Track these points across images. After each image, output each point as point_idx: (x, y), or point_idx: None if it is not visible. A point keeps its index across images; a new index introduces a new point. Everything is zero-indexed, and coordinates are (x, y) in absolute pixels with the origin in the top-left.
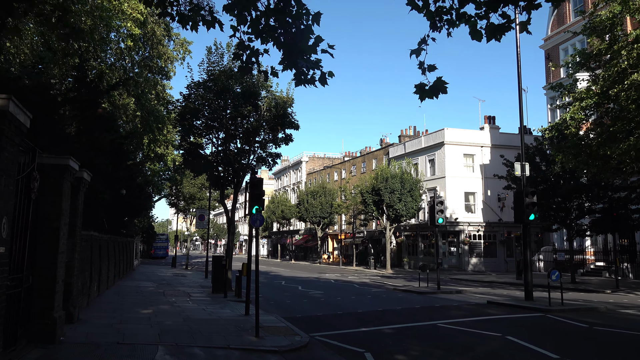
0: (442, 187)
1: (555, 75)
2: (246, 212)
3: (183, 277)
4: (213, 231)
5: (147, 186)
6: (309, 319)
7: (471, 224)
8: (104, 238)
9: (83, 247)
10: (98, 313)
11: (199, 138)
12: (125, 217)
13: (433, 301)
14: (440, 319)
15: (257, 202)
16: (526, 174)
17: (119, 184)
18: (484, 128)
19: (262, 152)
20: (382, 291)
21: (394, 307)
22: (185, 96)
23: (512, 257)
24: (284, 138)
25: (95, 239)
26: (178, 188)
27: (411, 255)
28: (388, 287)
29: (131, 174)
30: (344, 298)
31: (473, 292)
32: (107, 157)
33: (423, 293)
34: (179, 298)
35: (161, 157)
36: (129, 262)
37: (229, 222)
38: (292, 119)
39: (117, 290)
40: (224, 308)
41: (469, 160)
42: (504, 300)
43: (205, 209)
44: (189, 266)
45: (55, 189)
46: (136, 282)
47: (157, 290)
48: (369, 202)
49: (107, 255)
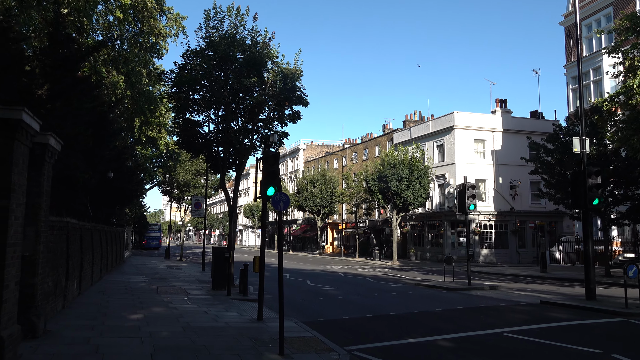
0: (451, 174)
1: (576, 53)
2: (257, 195)
3: (178, 269)
4: (207, 221)
5: (138, 171)
6: (336, 325)
7: (482, 213)
8: (87, 227)
9: (55, 238)
10: (74, 320)
11: (196, 114)
12: (114, 205)
13: (472, 300)
14: (500, 326)
15: (272, 181)
16: (586, 151)
17: (105, 165)
18: (495, 112)
19: (267, 131)
20: (402, 286)
21: (431, 308)
22: (181, 66)
23: (524, 248)
24: (291, 115)
25: (74, 228)
26: (172, 175)
27: (417, 246)
28: (407, 282)
29: (119, 154)
30: (365, 296)
31: (508, 288)
32: (88, 128)
33: (453, 289)
34: (175, 297)
35: (154, 142)
36: (119, 254)
37: (230, 209)
38: (302, 93)
39: (103, 287)
40: (230, 309)
41: (479, 146)
42: (561, 300)
43: (201, 196)
44: (183, 257)
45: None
46: (126, 276)
47: (150, 286)
48: (374, 189)
49: (92, 246)
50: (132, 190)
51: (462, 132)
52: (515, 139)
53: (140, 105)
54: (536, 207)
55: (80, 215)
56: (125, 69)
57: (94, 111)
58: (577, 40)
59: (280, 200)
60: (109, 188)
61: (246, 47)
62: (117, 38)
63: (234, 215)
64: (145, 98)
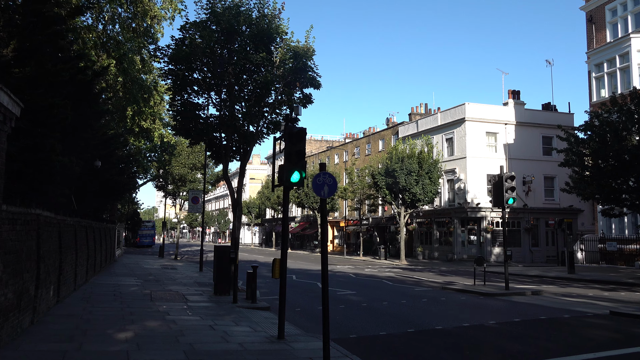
0: (462, 168)
1: (599, 40)
2: (275, 183)
3: (173, 270)
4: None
5: (131, 162)
6: (377, 345)
7: (494, 210)
8: (68, 222)
9: (18, 235)
10: (41, 344)
11: (196, 96)
12: (104, 199)
13: (524, 310)
14: (590, 349)
15: (297, 164)
16: None
17: (92, 151)
18: (507, 104)
19: (275, 117)
20: (428, 291)
21: (482, 320)
22: (179, 41)
23: (538, 247)
24: (301, 99)
25: (49, 222)
26: (166, 169)
27: (424, 245)
28: (431, 285)
29: (108, 141)
30: (393, 303)
31: (552, 293)
32: (66, 100)
33: (491, 295)
34: (172, 304)
35: (147, 133)
36: (109, 253)
37: (234, 203)
38: (314, 73)
39: (88, 292)
40: (240, 322)
41: (491, 139)
42: (635, 311)
43: (198, 190)
44: (178, 256)
45: None
46: (116, 277)
47: (142, 290)
48: (381, 185)
49: (75, 245)
50: (123, 183)
51: (473, 124)
52: (529, 133)
53: (133, 93)
54: (550, 203)
55: (61, 208)
56: (116, 53)
57: (74, 80)
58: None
59: (324, 183)
60: (97, 179)
61: (253, 20)
62: (107, 21)
63: (239, 210)
64: (138, 86)
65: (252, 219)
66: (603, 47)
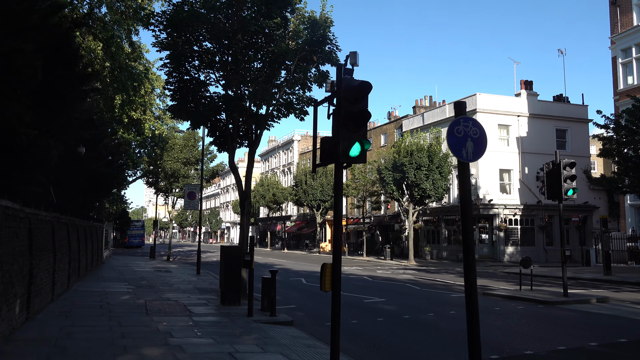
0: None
1: (625, 23)
2: (316, 162)
3: (167, 273)
4: (192, 218)
5: (120, 153)
6: None
7: (507, 207)
8: (43, 217)
9: None
10: None
11: (197, 72)
12: (89, 194)
13: (615, 324)
14: None
15: (358, 132)
16: None
17: (73, 133)
18: (520, 94)
19: (287, 97)
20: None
21: (577, 341)
22: (177, 5)
23: (552, 246)
24: (317, 77)
25: (11, 217)
26: (158, 164)
27: (432, 244)
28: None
29: (91, 122)
30: (440, 315)
31: (619, 300)
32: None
33: (552, 303)
34: (174, 320)
35: (137, 124)
36: (97, 254)
37: (242, 195)
38: (333, 46)
39: (69, 303)
40: (267, 347)
41: (503, 132)
42: None
43: (195, 184)
44: (170, 257)
45: None
46: (104, 283)
47: (135, 300)
48: (388, 180)
49: (53, 245)
50: (112, 176)
51: (485, 116)
52: (542, 125)
53: (122, 81)
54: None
55: (33, 200)
56: (103, 35)
57: (47, 26)
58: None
59: (467, 135)
60: (82, 170)
61: None
62: (95, 1)
63: (248, 205)
64: (127, 73)
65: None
66: (631, 30)
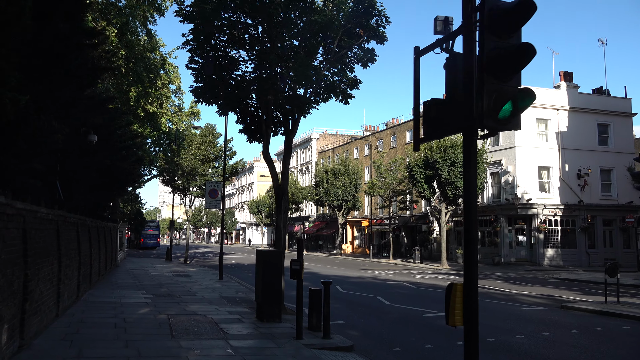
0: (509, 160)
1: None
2: (420, 135)
3: (187, 278)
4: (206, 219)
5: (135, 146)
6: None
7: (547, 207)
8: (43, 215)
9: None
10: None
11: (226, 47)
12: (103, 191)
13: None
14: None
15: (508, 79)
16: None
17: (80, 115)
18: (559, 87)
19: (327, 78)
20: (546, 311)
21: None
22: None
23: (595, 249)
24: (362, 56)
25: (3, 214)
26: (175, 161)
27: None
28: (536, 302)
29: (103, 104)
30: (531, 337)
31: None
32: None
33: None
34: (206, 346)
35: (154, 118)
36: (111, 257)
37: (279, 190)
38: (384, 18)
39: (76, 321)
40: None
41: (542, 127)
42: None
43: (217, 181)
44: (188, 259)
45: None
46: (118, 291)
47: (156, 314)
48: (419, 178)
49: (58, 250)
50: (127, 171)
51: None
52: (583, 119)
53: (137, 72)
54: (607, 199)
55: (30, 194)
56: (117, 20)
57: None
58: None
59: None
60: (94, 163)
61: None
62: None
63: (285, 201)
64: (143, 64)
65: (262, 219)
66: None
